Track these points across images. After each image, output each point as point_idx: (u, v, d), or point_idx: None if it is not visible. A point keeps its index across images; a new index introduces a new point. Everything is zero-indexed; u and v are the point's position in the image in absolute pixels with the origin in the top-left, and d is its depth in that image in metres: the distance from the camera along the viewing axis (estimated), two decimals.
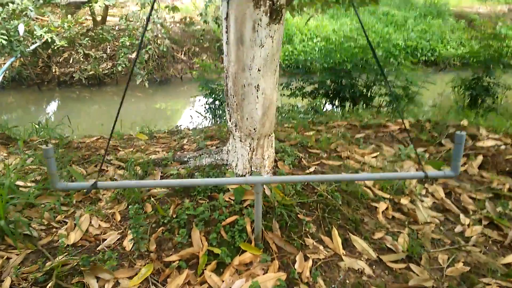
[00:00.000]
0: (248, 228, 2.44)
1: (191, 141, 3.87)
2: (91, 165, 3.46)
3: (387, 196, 2.94)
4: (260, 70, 2.63)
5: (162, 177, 3.13)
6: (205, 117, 5.97)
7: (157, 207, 2.66)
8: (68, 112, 9.75)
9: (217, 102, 5.85)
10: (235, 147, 2.94)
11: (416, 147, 3.97)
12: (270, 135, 2.92)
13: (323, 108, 6.17)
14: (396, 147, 3.94)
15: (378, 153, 3.71)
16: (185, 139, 3.96)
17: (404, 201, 2.93)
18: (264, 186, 2.66)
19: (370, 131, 4.46)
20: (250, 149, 2.87)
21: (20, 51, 9.61)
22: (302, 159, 3.31)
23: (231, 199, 2.68)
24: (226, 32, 2.61)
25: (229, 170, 2.98)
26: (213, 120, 6.04)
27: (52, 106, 10.53)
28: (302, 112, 5.44)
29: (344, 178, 2.32)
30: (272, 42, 2.57)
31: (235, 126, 2.85)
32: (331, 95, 6.22)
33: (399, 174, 2.61)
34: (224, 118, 5.69)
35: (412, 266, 2.34)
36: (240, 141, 2.87)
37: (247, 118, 2.77)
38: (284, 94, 6.51)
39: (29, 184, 3.08)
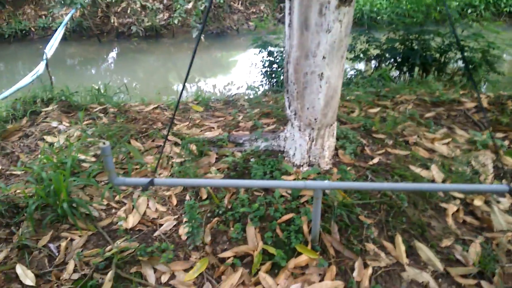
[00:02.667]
0: (305, 228, 2.34)
1: (246, 118, 3.74)
2: (149, 140, 3.47)
3: (459, 195, 2.68)
4: (325, 58, 2.39)
5: (217, 159, 3.07)
6: (261, 84, 5.76)
7: (212, 196, 2.62)
8: (127, 65, 9.95)
9: (274, 66, 5.58)
10: (293, 135, 2.78)
11: (495, 133, 3.56)
12: (332, 125, 2.71)
13: (390, 74, 5.68)
14: (471, 131, 3.57)
15: (450, 139, 3.38)
16: (241, 116, 3.83)
17: (478, 202, 2.66)
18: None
19: (442, 109, 4.07)
20: (309, 139, 2.69)
21: (79, 2, 9.72)
22: (365, 147, 3.09)
23: (288, 194, 2.57)
24: (289, 14, 2.36)
25: (285, 159, 2.85)
26: (269, 83, 5.81)
27: (111, 57, 10.74)
28: (366, 79, 5.05)
29: (409, 187, 2.10)
30: (341, 26, 2.30)
31: (295, 114, 2.67)
32: (400, 61, 5.71)
33: (472, 186, 2.31)
34: (281, 82, 5.46)
35: (484, 283, 2.15)
36: (299, 130, 2.70)
37: (308, 108, 2.57)
38: (346, 58, 6.08)
39: (89, 158, 3.16)
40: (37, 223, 2.51)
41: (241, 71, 9.36)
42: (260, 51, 5.59)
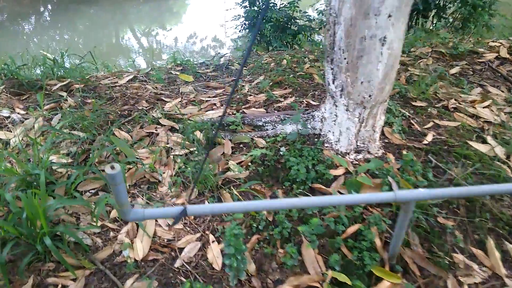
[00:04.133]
0: (378, 243, 1.82)
1: (254, 89, 3.06)
2: (136, 126, 2.73)
3: None
4: (391, 16, 1.77)
5: (233, 149, 2.44)
6: (238, 37, 4.95)
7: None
8: (68, 19, 8.54)
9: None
10: (336, 116, 2.18)
11: None
12: (386, 101, 2.14)
13: None
14: (505, 88, 3.15)
15: (490, 100, 2.93)
16: (245, 85, 3.14)
17: None
18: (389, 178, 1.98)
19: (464, 62, 3.59)
20: (359, 120, 2.12)
21: None
22: (411, 121, 2.56)
23: (341, 192, 2.02)
24: None
25: (325, 145, 2.26)
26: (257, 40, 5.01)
27: (48, 11, 9.25)
28: None
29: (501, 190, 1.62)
30: None
31: (341, 91, 2.06)
32: None
33: None
34: (269, 38, 4.71)
35: None
36: (347, 110, 2.10)
37: (362, 82, 1.97)
38: None
39: (64, 161, 2.41)
40: (10, 268, 1.82)
41: (209, 21, 8.39)
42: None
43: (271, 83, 3.04)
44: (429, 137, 2.40)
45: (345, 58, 1.95)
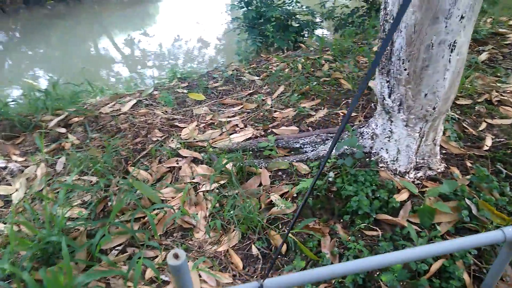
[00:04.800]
0: (466, 279, 1.57)
1: (279, 102, 2.76)
2: (154, 161, 2.42)
3: None
4: (463, 18, 1.50)
5: (272, 178, 2.15)
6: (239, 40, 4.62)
7: (300, 247, 1.74)
8: (44, 36, 8.08)
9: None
10: (391, 132, 1.91)
11: None
12: (448, 111, 1.87)
13: None
14: None
15: None
16: (267, 99, 2.84)
17: None
18: (467, 201, 1.71)
19: (490, 47, 3.35)
20: (419, 135, 1.85)
21: None
22: (463, 124, 2.30)
23: (412, 222, 1.75)
24: None
25: (379, 165, 1.99)
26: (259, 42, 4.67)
27: (22, 28, 8.73)
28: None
29: None
30: None
31: (399, 105, 1.78)
32: None
33: None
34: (272, 39, 4.38)
35: None
36: (406, 126, 1.83)
37: (426, 94, 1.70)
38: None
39: (77, 213, 2.08)
40: None
41: (202, 25, 8.02)
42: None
43: (297, 93, 2.74)
44: (488, 142, 2.15)
45: (405, 69, 1.67)
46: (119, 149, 2.47)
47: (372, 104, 2.52)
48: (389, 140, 1.95)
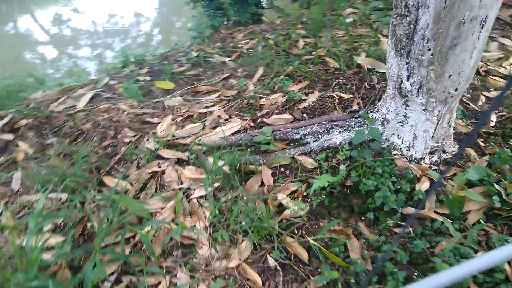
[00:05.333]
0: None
1: (262, 87, 2.50)
2: (131, 166, 2.09)
3: None
4: None
5: (275, 176, 1.93)
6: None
7: (326, 254, 1.56)
8: None
9: None
10: (406, 117, 1.76)
11: None
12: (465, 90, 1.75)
13: None
14: None
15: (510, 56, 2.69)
16: (248, 84, 2.56)
17: None
18: (496, 186, 1.62)
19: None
20: (437, 119, 1.71)
21: None
22: (465, 100, 2.22)
23: (439, 213, 1.63)
24: None
25: (393, 153, 1.84)
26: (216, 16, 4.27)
27: None
28: None
29: None
30: None
31: (419, 88, 1.62)
32: None
33: None
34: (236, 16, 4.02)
35: None
36: (425, 110, 1.68)
37: (450, 76, 1.55)
38: None
39: (54, 241, 1.73)
40: None
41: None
42: None
43: (282, 77, 2.50)
44: (493, 117, 2.07)
45: (429, 49, 1.50)
46: (87, 156, 2.10)
47: (366, 84, 2.35)
48: (402, 125, 1.79)
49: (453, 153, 1.85)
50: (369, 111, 1.95)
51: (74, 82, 3.29)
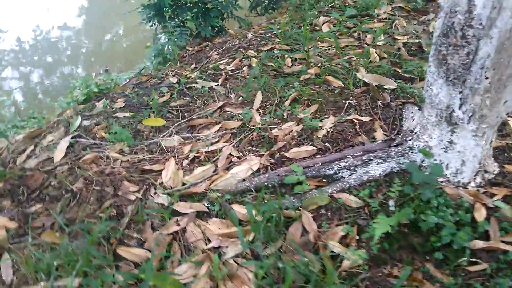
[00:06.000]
0: None
1: (268, 115, 2.28)
2: (145, 229, 1.79)
3: None
4: None
5: (315, 219, 1.74)
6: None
7: None
8: None
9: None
10: (453, 143, 1.67)
11: None
12: None
13: None
14: None
15: None
16: (254, 115, 2.32)
17: None
18: None
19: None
20: (485, 143, 1.64)
21: None
22: None
23: (506, 242, 1.56)
24: None
25: (441, 182, 1.75)
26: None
27: None
28: None
29: None
30: None
31: (471, 116, 1.53)
32: None
33: None
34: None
35: None
36: (474, 136, 1.60)
37: (505, 102, 1.48)
38: None
39: None
40: None
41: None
42: None
43: (289, 103, 2.30)
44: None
45: (486, 78, 1.40)
46: (87, 224, 1.75)
47: (379, 103, 2.24)
48: (446, 151, 1.70)
49: (495, 172, 1.80)
50: (409, 139, 1.84)
51: (32, 124, 2.83)
